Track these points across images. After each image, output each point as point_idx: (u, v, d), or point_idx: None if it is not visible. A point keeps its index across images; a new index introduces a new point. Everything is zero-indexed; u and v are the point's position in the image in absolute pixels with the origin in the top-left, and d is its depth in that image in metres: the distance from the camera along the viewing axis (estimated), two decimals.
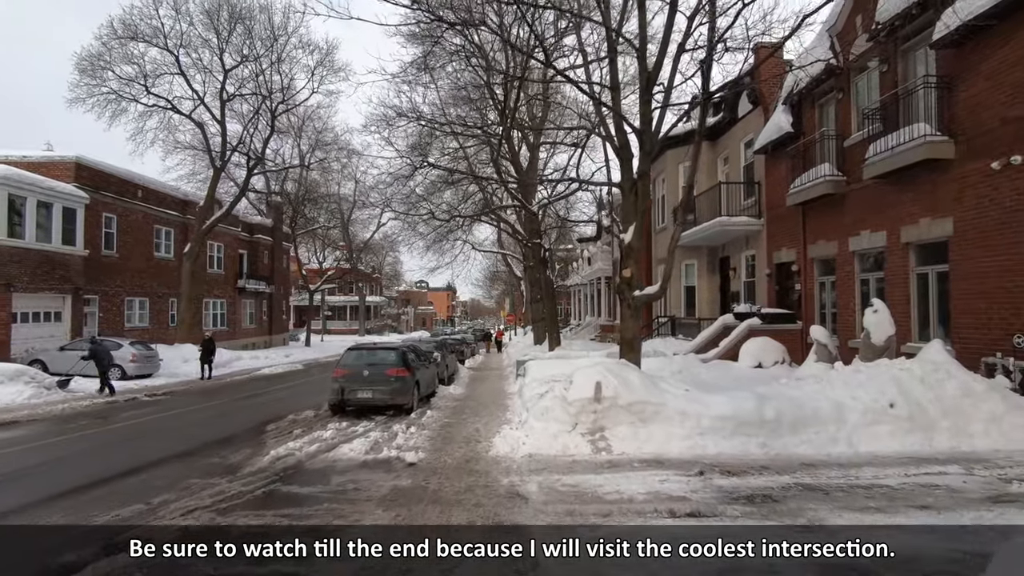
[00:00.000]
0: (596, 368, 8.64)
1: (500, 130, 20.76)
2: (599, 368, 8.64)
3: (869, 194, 11.89)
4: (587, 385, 8.28)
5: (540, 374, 12.96)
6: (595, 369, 8.60)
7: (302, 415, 11.71)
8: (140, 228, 26.67)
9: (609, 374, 8.42)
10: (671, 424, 8.04)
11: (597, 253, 33.98)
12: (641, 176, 9.54)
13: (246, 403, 14.39)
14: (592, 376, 8.37)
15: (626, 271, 9.64)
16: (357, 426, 10.27)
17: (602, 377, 8.33)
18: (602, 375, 8.38)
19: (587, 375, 8.45)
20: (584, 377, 8.43)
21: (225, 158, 26.21)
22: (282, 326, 44.14)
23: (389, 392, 11.58)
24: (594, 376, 8.36)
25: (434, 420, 10.75)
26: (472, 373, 21.90)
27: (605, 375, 8.38)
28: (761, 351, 13.37)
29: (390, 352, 12.40)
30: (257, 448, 8.48)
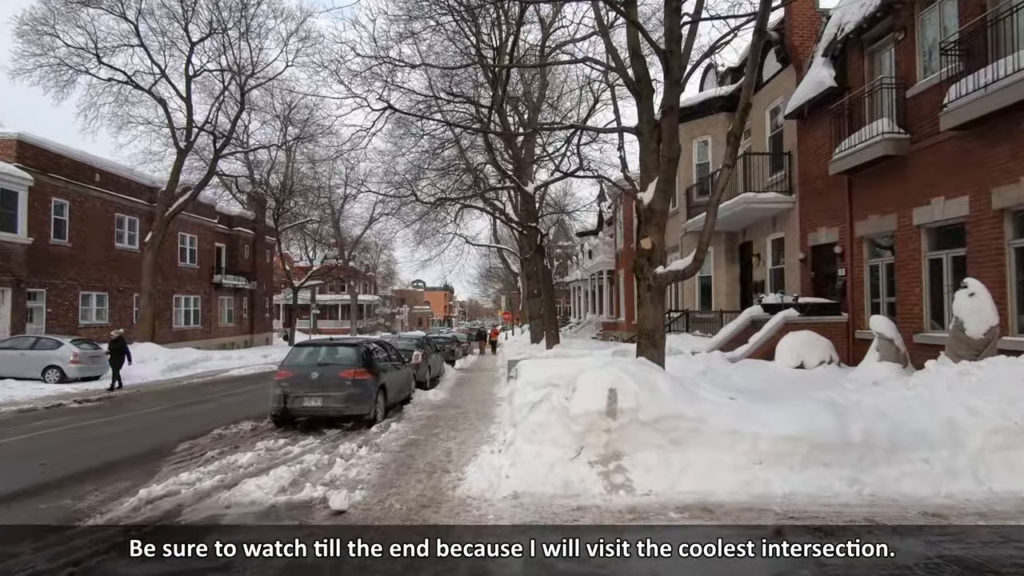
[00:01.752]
0: (608, 369, 6.26)
1: (492, 107, 18.49)
2: (612, 369, 6.26)
3: (944, 152, 9.54)
4: (597, 392, 5.92)
5: (534, 376, 10.60)
6: (607, 371, 6.22)
7: (235, 429, 9.35)
8: (98, 216, 24.28)
9: (627, 377, 6.04)
10: (716, 448, 5.68)
11: (599, 245, 31.64)
12: (668, 113, 7.19)
13: (181, 412, 12.00)
14: (604, 380, 6.01)
15: (645, 242, 7.28)
16: (294, 445, 7.90)
17: (617, 381, 5.97)
18: (617, 378, 6.01)
19: (597, 379, 6.08)
20: (593, 381, 6.06)
21: (191, 138, 23.81)
22: (265, 325, 41.72)
23: (344, 399, 9.21)
24: (606, 380, 6.00)
25: (398, 437, 8.37)
26: (460, 375, 19.53)
27: (621, 378, 6.01)
28: (803, 348, 11.01)
29: (348, 350, 10.00)
30: (139, 481, 6.11)
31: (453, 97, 17.67)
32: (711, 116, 18.51)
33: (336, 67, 18.13)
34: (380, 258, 70.85)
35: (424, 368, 15.43)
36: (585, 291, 39.75)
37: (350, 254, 53.16)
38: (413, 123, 20.72)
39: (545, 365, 11.89)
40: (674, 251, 20.20)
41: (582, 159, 19.67)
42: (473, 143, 23.46)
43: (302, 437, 8.69)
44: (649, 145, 7.55)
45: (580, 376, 6.27)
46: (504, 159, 22.00)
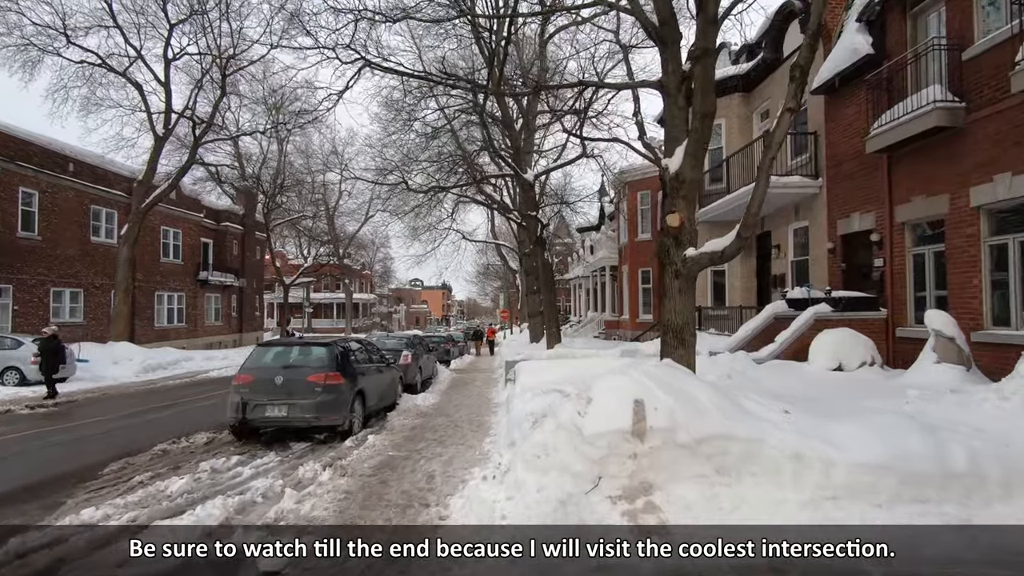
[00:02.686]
0: (631, 375, 4.91)
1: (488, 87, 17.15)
2: (635, 375, 4.92)
3: (1013, 120, 8.21)
4: (619, 405, 4.57)
5: (535, 381, 9.30)
6: (629, 377, 4.87)
7: (187, 442, 8.02)
8: (72, 208, 22.89)
9: (655, 385, 4.70)
10: (776, 479, 4.35)
11: (601, 240, 30.29)
12: (702, 59, 5.85)
13: (137, 420, 10.65)
14: (627, 389, 4.66)
15: (672, 218, 5.94)
16: (247, 466, 6.55)
17: (644, 391, 4.63)
18: (643, 387, 4.67)
19: (617, 387, 4.73)
20: (612, 391, 4.72)
21: (170, 125, 22.41)
22: (255, 324, 40.29)
23: (313, 408, 7.85)
24: (630, 389, 4.65)
25: (374, 453, 7.03)
26: (455, 376, 18.18)
27: (648, 387, 4.67)
28: (842, 348, 9.68)
29: (319, 350, 8.62)
30: (32, 517, 4.76)
31: (446, 77, 16.28)
32: (725, 97, 17.12)
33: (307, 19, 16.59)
34: (376, 256, 69.58)
35: (414, 370, 14.09)
36: (586, 288, 38.42)
37: (345, 251, 51.79)
38: (404, 108, 19.35)
39: (547, 367, 10.58)
40: None
41: (585, 146, 18.34)
42: (469, 133, 22.12)
43: (262, 453, 7.35)
44: (676, 102, 6.20)
45: (596, 383, 4.92)
46: (503, 147, 20.63)
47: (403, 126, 18.82)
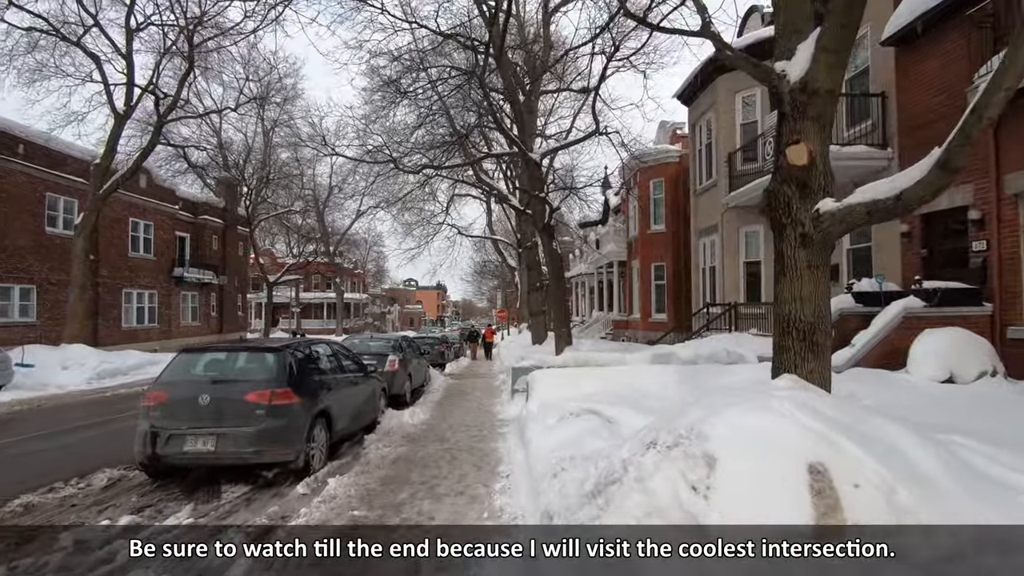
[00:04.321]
0: (782, 413, 2.64)
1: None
2: (788, 409, 2.65)
3: None
4: (776, 474, 2.31)
5: (556, 396, 7.12)
6: (780, 415, 2.61)
7: (78, 486, 5.74)
8: (23, 195, 20.51)
9: (835, 432, 2.44)
10: None
11: (608, 233, 28.12)
12: None
13: (49, 444, 8.37)
14: (786, 441, 2.42)
15: (797, 151, 3.74)
16: (134, 537, 4.26)
17: (819, 443, 2.37)
18: (815, 435, 2.42)
19: (764, 434, 2.51)
20: (756, 442, 2.48)
21: (132, 102, 20.05)
22: (237, 324, 37.83)
23: (252, 438, 5.58)
24: (793, 440, 2.40)
25: (330, 513, 4.77)
26: (450, 383, 15.92)
27: (825, 436, 2.41)
28: (952, 353, 7.49)
29: (264, 357, 6.27)
30: None
31: (443, 38, 14.09)
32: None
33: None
34: (369, 255, 67.13)
35: (402, 378, 11.83)
36: (590, 286, 36.25)
37: (336, 249, 49.39)
38: (393, 80, 17.07)
39: (568, 377, 8.36)
40: (710, 233, 16.70)
41: (598, 122, 16.11)
42: (465, 117, 19.88)
43: (173, 508, 5.09)
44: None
45: (714, 424, 2.68)
46: (507, 116, 18.41)
47: (391, 103, 16.56)
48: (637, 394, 6.75)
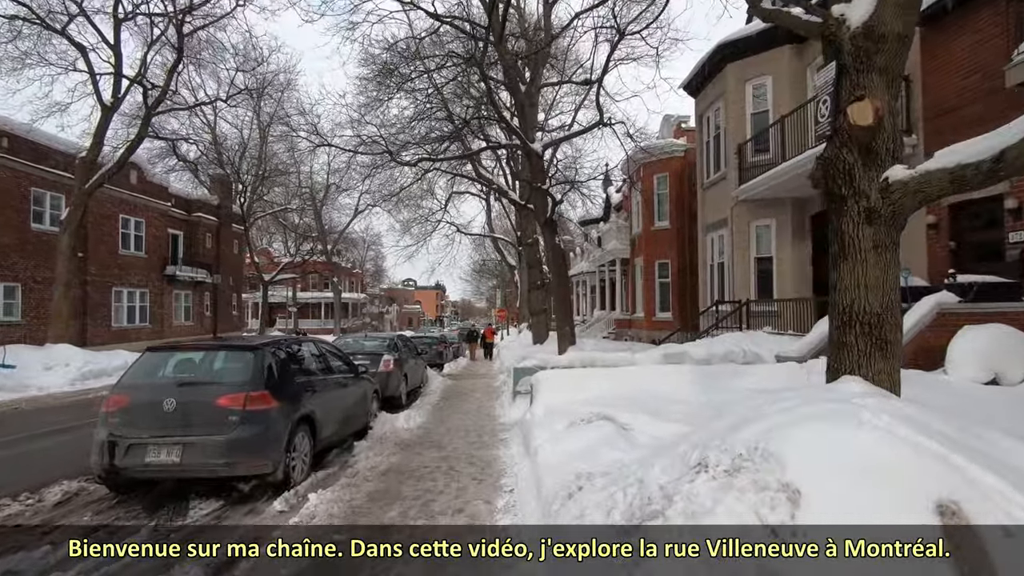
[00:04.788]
0: (875, 426, 1.99)
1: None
2: (886, 423, 1.99)
3: None
4: (887, 513, 1.66)
5: (563, 400, 6.50)
6: (874, 429, 1.95)
7: (27, 502, 5.09)
8: (7, 189, 19.85)
9: (956, 454, 1.78)
10: None
11: (611, 230, 27.47)
12: None
13: (14, 451, 7.73)
14: (892, 465, 1.78)
15: (861, 109, 3.12)
16: (75, 567, 3.63)
17: (939, 468, 1.72)
18: (930, 455, 1.76)
19: (859, 457, 1.87)
20: (847, 468, 1.85)
21: (120, 94, 19.38)
22: (232, 323, 37.15)
23: (223, 448, 4.94)
24: (903, 463, 1.77)
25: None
26: (448, 384, 15.28)
27: (944, 458, 1.76)
28: (996, 353, 6.85)
29: (238, 356, 5.62)
30: None
31: (440, 22, 13.44)
32: (770, 51, 14.41)
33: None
34: (367, 255, 66.44)
35: (397, 379, 11.19)
36: (591, 285, 35.62)
37: (334, 248, 48.69)
38: (389, 68, 16.44)
39: (574, 379, 7.72)
40: (718, 227, 16.07)
41: (602, 112, 15.47)
42: (463, 108, 19.25)
43: (131, 528, 4.45)
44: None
45: (786, 438, 2.03)
46: (507, 107, 17.79)
47: (384, 87, 15.92)
48: (651, 397, 6.12)
